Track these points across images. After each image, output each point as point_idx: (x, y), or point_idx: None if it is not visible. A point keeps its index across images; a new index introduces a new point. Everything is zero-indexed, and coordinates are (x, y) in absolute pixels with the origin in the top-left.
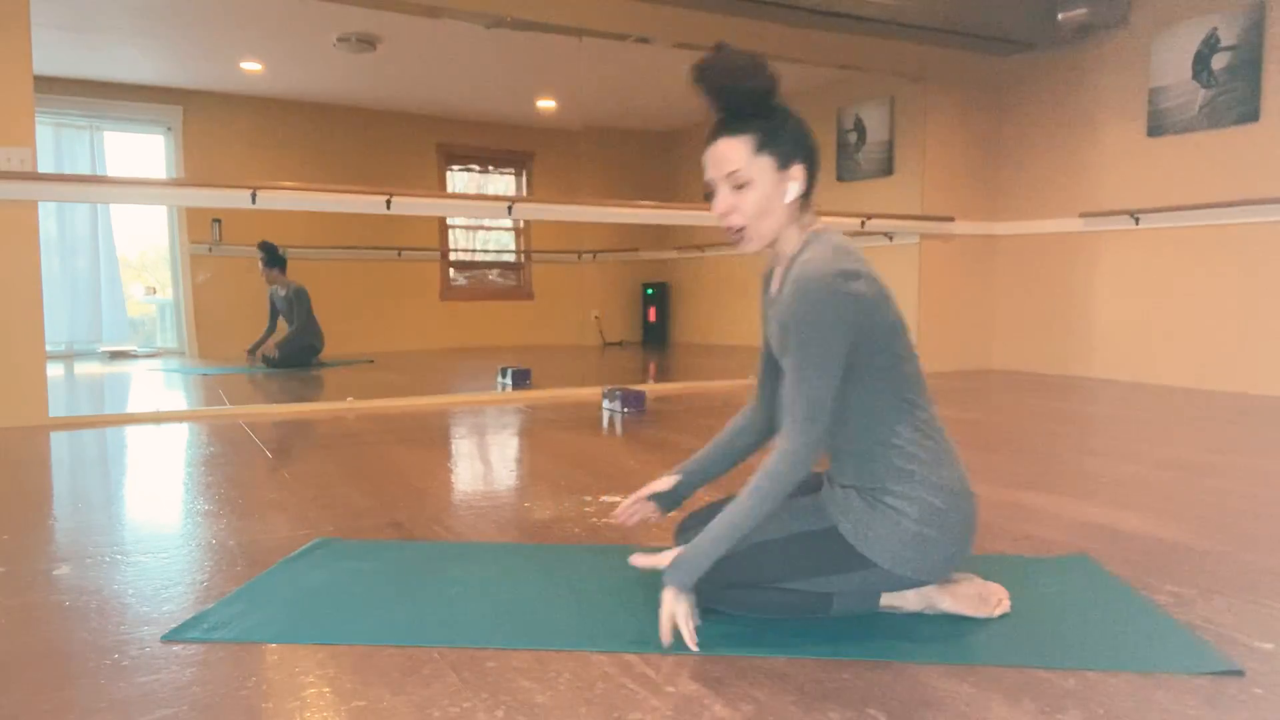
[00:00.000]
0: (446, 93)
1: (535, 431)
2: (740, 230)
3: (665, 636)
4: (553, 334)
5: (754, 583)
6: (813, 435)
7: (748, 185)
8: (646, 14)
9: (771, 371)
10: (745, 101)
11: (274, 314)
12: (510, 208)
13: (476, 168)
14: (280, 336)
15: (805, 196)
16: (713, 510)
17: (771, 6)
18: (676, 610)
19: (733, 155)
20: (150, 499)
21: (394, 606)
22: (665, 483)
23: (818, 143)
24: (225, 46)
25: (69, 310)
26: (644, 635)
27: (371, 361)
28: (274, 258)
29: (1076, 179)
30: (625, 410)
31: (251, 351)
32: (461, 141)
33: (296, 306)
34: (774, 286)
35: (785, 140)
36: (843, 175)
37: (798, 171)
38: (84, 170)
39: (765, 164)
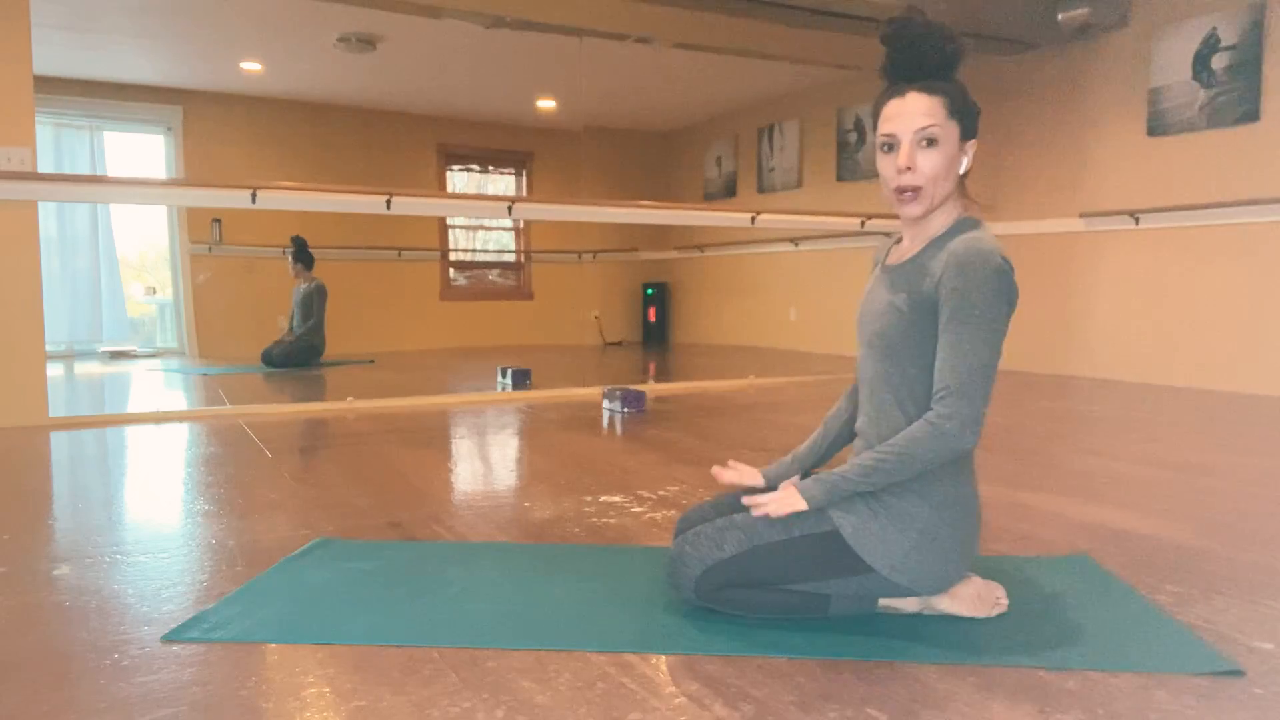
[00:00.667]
0: (446, 93)
1: (535, 431)
2: (916, 190)
3: (762, 511)
4: (553, 334)
5: (752, 583)
6: (966, 410)
7: (936, 144)
8: (646, 14)
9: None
10: (940, 63)
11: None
12: (510, 208)
13: (476, 168)
14: (283, 337)
15: (963, 177)
16: (717, 508)
17: (771, 6)
18: (792, 504)
19: (930, 110)
20: (150, 499)
21: (394, 606)
22: (757, 477)
23: None
24: (225, 46)
25: (69, 310)
26: (644, 635)
27: (372, 361)
28: (302, 252)
29: (1076, 179)
30: (625, 410)
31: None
32: (461, 141)
33: (315, 303)
34: (894, 259)
35: (971, 113)
36: (843, 175)
37: (971, 147)
38: (84, 170)
39: (954, 130)
